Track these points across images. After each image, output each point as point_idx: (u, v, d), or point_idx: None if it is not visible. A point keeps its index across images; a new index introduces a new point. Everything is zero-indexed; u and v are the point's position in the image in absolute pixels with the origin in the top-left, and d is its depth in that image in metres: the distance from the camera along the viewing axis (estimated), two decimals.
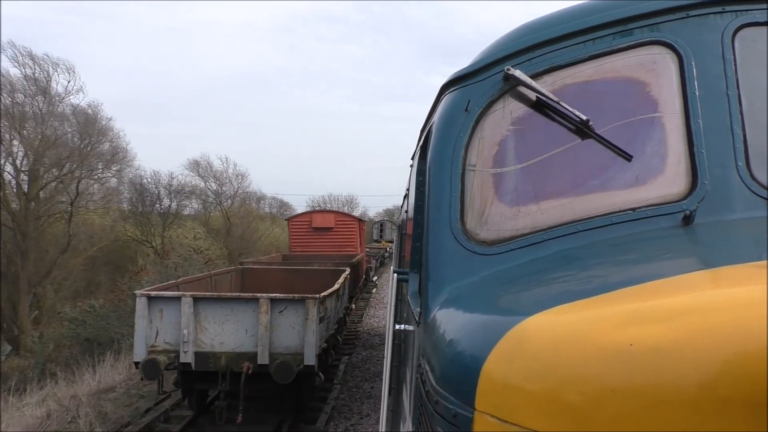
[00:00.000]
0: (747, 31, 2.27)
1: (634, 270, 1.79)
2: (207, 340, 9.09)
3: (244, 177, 51.55)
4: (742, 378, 1.08)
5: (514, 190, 2.29)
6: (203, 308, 9.12)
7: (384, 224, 65.99)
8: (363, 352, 15.76)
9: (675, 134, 2.23)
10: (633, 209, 2.17)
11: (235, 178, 50.71)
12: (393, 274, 3.41)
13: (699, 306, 1.26)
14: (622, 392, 1.21)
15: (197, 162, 48.30)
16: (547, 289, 1.85)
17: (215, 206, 46.07)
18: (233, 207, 46.41)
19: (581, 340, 1.34)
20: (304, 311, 9.00)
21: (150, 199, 37.45)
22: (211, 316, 9.12)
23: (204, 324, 9.11)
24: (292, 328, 9.07)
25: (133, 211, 35.77)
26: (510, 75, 2.31)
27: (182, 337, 8.96)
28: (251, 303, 9.11)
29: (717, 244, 1.94)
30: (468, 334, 1.71)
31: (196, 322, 9.07)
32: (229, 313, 9.10)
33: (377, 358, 14.76)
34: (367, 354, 15.50)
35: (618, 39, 2.35)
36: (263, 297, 9.01)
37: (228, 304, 9.17)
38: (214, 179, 48.82)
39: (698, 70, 2.25)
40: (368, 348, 16.29)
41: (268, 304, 9.02)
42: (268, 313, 9.01)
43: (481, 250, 2.22)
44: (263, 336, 8.94)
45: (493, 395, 1.48)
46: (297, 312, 9.05)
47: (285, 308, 9.08)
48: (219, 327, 9.08)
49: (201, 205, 46.61)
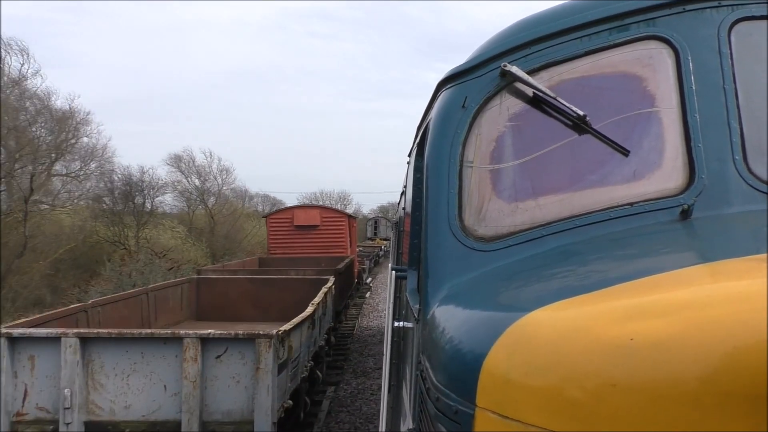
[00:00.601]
0: (743, 25, 2.27)
1: (633, 265, 1.79)
2: (104, 404, 6.03)
3: (228, 172, 48.69)
4: (742, 372, 1.09)
5: (511, 187, 2.29)
6: (97, 353, 6.04)
7: (378, 221, 64.50)
8: (353, 381, 12.00)
9: (672, 129, 2.23)
10: (631, 204, 2.18)
11: (220, 174, 47.85)
12: (391, 272, 3.41)
13: (699, 300, 1.27)
14: (623, 387, 1.21)
15: (179, 156, 45.34)
16: (547, 285, 1.85)
17: (198, 204, 43.83)
18: (218, 205, 44.34)
19: (582, 335, 1.34)
20: (255, 356, 6.01)
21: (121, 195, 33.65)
22: (110, 366, 6.04)
23: (99, 378, 6.04)
24: (236, 383, 6.07)
25: (104, 210, 32.17)
26: (507, 71, 2.31)
27: (63, 399, 5.89)
28: (172, 345, 6.03)
29: (715, 238, 1.94)
30: (468, 331, 1.72)
31: (87, 375, 6.02)
32: (138, 360, 6.04)
33: (371, 389, 11.28)
34: (359, 384, 11.70)
35: (614, 34, 2.35)
36: (190, 336, 5.98)
37: (136, 347, 6.04)
38: (197, 175, 45.90)
39: (695, 64, 2.25)
40: (360, 375, 12.40)
41: (198, 346, 5.96)
42: (199, 361, 5.96)
43: (479, 246, 2.22)
44: (191, 396, 5.92)
45: (494, 392, 1.48)
46: (243, 357, 6.08)
47: (225, 351, 6.07)
48: (123, 382, 6.05)
49: (184, 202, 44.08)
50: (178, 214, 41.75)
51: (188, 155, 45.45)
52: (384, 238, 58.52)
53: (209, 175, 46.39)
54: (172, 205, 43.40)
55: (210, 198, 44.54)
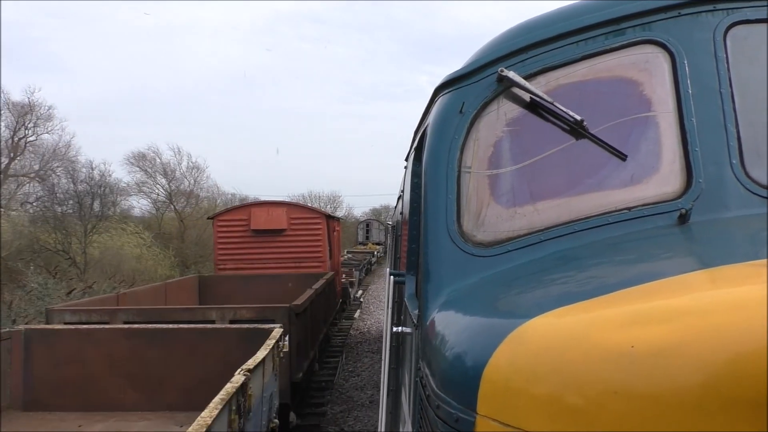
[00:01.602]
0: (738, 28, 2.28)
1: (633, 270, 1.79)
2: None
3: (200, 171, 42.94)
4: (744, 378, 1.09)
5: (510, 192, 2.29)
6: None
7: (370, 224, 60.85)
8: None
9: (669, 133, 2.23)
10: (629, 209, 2.18)
11: (190, 173, 42.16)
12: (389, 277, 3.41)
13: (700, 307, 1.27)
14: (624, 394, 1.21)
15: (143, 155, 40.15)
16: (547, 291, 1.85)
17: (167, 207, 39.38)
18: (189, 207, 39.95)
19: (583, 342, 1.34)
20: None
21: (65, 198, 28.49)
22: None
23: None
24: None
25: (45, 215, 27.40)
26: (504, 76, 2.31)
27: None
28: None
29: (713, 243, 1.95)
30: (468, 338, 1.71)
31: None
32: None
33: None
34: None
35: (610, 39, 2.35)
36: None
37: None
38: (163, 174, 40.53)
39: (691, 68, 2.26)
40: None
41: None
42: None
43: (478, 251, 2.22)
44: None
45: (494, 399, 1.47)
46: None
47: None
48: None
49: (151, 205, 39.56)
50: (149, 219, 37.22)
51: (153, 152, 40.75)
52: (376, 242, 55.72)
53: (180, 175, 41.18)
54: (144, 210, 39.33)
55: (180, 199, 39.70)
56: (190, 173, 42.84)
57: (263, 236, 15.71)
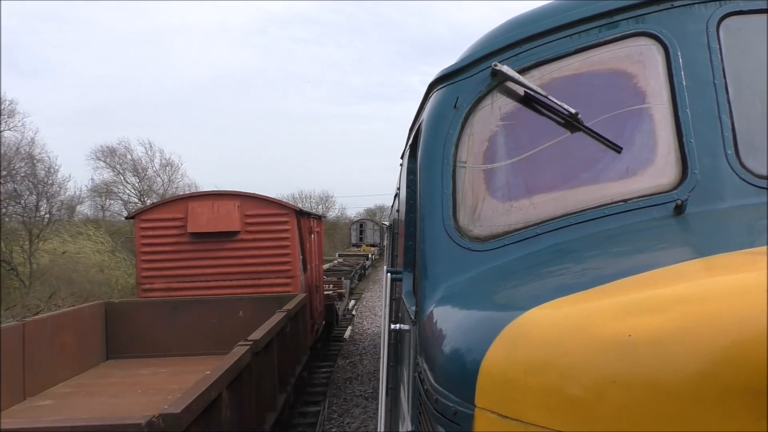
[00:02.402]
0: (732, 20, 2.28)
1: (629, 261, 1.79)
2: None
3: (174, 168, 39.07)
4: (742, 365, 1.08)
5: (505, 186, 2.29)
6: None
7: (364, 224, 57.27)
8: None
9: (664, 124, 2.24)
10: (625, 200, 2.18)
11: (163, 170, 38.65)
12: (386, 274, 3.40)
13: (696, 295, 1.27)
14: (622, 383, 1.21)
15: (113, 149, 36.92)
16: (544, 283, 1.85)
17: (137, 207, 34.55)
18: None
19: (580, 332, 1.33)
20: None
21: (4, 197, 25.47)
22: None
23: None
24: None
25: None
26: (497, 71, 2.31)
27: None
28: None
29: (710, 233, 1.95)
30: (465, 331, 1.71)
31: None
32: None
33: None
34: None
35: (604, 31, 2.35)
36: None
37: None
38: (133, 171, 37.16)
39: (684, 60, 2.26)
40: None
41: None
42: None
43: (474, 246, 2.21)
44: None
45: (493, 391, 1.47)
46: None
47: None
48: None
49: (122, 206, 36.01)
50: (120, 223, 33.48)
51: (125, 147, 37.67)
52: (371, 244, 52.55)
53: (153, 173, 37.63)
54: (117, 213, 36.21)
55: (153, 199, 35.53)
56: (163, 170, 39.19)
57: (206, 242, 10.86)
